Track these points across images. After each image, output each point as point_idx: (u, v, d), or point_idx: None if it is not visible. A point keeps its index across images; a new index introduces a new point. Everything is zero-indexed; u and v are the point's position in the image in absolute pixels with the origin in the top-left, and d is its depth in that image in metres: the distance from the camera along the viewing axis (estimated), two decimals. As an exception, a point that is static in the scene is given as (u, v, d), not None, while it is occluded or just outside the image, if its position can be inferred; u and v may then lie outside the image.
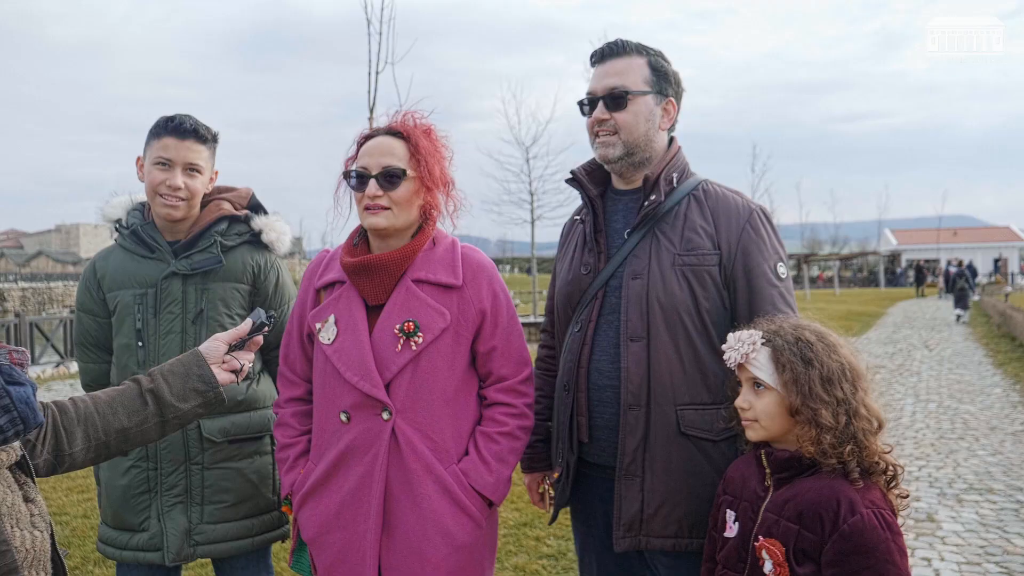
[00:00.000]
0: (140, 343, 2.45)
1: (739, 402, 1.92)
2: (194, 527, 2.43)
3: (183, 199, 2.43)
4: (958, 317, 21.99)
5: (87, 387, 2.63)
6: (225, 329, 2.43)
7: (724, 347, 1.94)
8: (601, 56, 2.24)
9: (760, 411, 1.87)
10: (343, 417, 2.07)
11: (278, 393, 2.62)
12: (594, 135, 2.23)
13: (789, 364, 1.82)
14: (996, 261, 52.54)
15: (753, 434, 1.91)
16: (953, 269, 29.01)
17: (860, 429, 1.79)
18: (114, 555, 2.48)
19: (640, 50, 2.21)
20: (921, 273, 42.25)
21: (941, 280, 37.40)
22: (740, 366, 1.90)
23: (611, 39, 2.26)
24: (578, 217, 2.40)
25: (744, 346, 1.88)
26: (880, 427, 1.83)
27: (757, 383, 1.88)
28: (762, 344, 1.87)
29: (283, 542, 2.66)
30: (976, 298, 28.56)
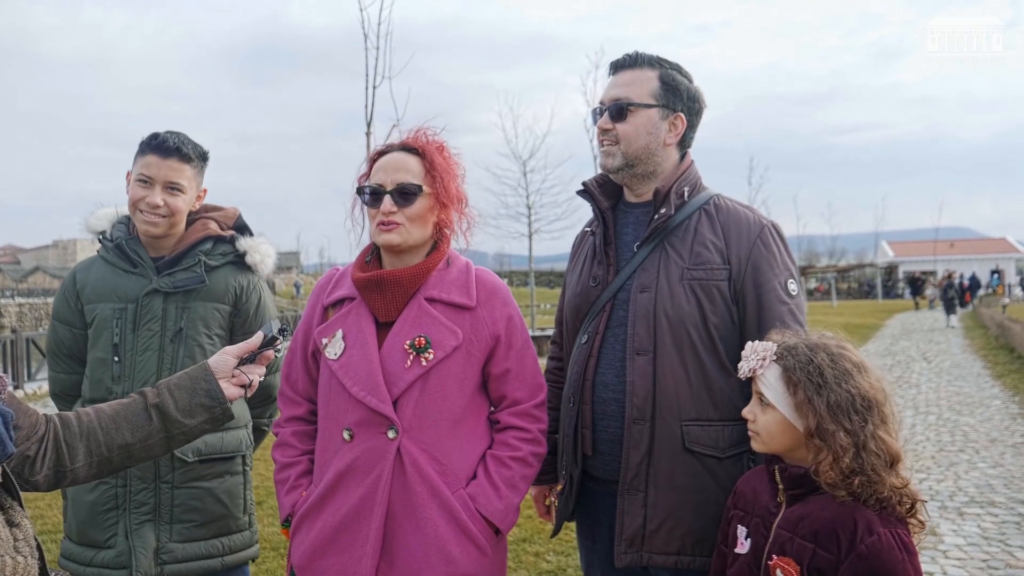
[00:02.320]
0: (116, 358, 2.43)
1: (746, 412, 1.90)
2: (162, 546, 2.40)
3: (163, 216, 2.43)
4: (951, 325, 25.53)
5: (55, 396, 2.62)
6: (203, 349, 2.43)
7: (743, 353, 1.91)
8: (615, 67, 2.26)
9: (761, 426, 1.86)
10: (346, 435, 2.01)
11: (250, 411, 2.60)
12: (600, 144, 2.24)
13: (801, 385, 1.78)
14: (994, 272, 52.56)
15: (755, 445, 1.89)
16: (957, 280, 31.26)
17: (869, 463, 1.72)
18: (77, 571, 2.44)
19: (653, 63, 2.21)
20: (917, 284, 42.09)
21: (934, 292, 37.92)
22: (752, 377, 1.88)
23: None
24: (589, 229, 2.40)
25: (754, 360, 1.85)
26: (895, 462, 1.76)
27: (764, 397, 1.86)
28: (774, 361, 1.84)
29: (253, 561, 2.64)
30: (964, 309, 31.88)
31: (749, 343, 1.91)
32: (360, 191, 2.10)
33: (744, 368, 1.88)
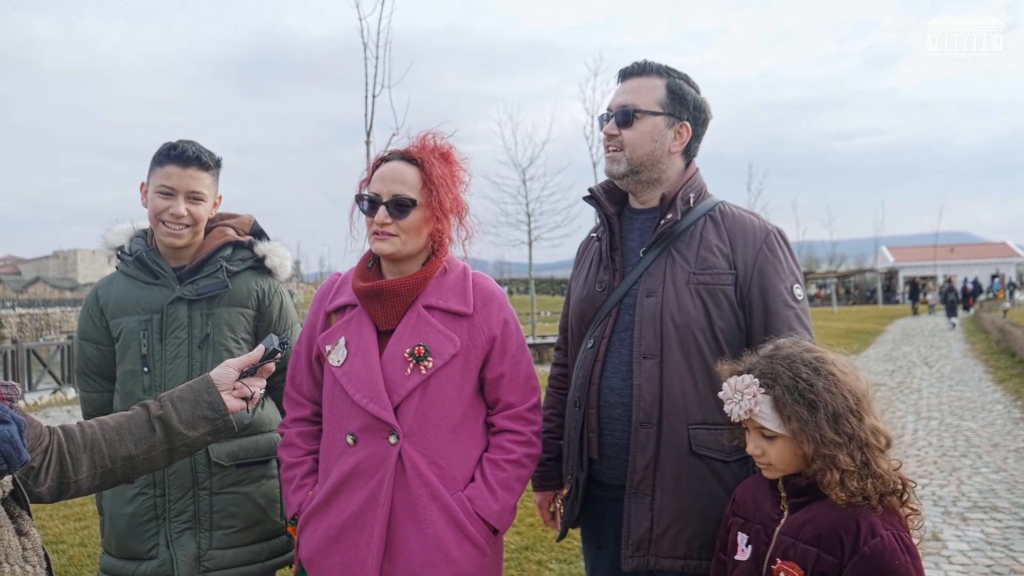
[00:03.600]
0: (146, 369, 2.44)
1: (751, 450, 1.87)
2: (203, 553, 2.41)
3: (187, 226, 2.45)
4: (952, 325, 26.78)
5: (87, 417, 2.59)
6: (231, 354, 2.43)
7: (722, 395, 1.88)
8: (623, 75, 2.28)
9: (775, 457, 1.83)
10: (349, 440, 2.07)
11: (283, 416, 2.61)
12: (606, 149, 2.26)
13: (794, 414, 1.76)
14: (994, 277, 52.51)
15: (769, 474, 1.87)
16: (959, 285, 32.23)
17: (873, 459, 1.75)
18: None
19: (662, 72, 2.23)
20: (916, 289, 42.08)
21: (935, 296, 38.23)
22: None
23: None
24: (594, 235, 2.41)
25: (745, 401, 1.82)
26: (888, 445, 1.79)
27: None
28: (762, 393, 1.81)
29: (291, 567, 2.63)
30: (967, 312, 33.43)
31: (726, 383, 1.88)
32: (359, 199, 2.13)
33: (738, 412, 1.83)
